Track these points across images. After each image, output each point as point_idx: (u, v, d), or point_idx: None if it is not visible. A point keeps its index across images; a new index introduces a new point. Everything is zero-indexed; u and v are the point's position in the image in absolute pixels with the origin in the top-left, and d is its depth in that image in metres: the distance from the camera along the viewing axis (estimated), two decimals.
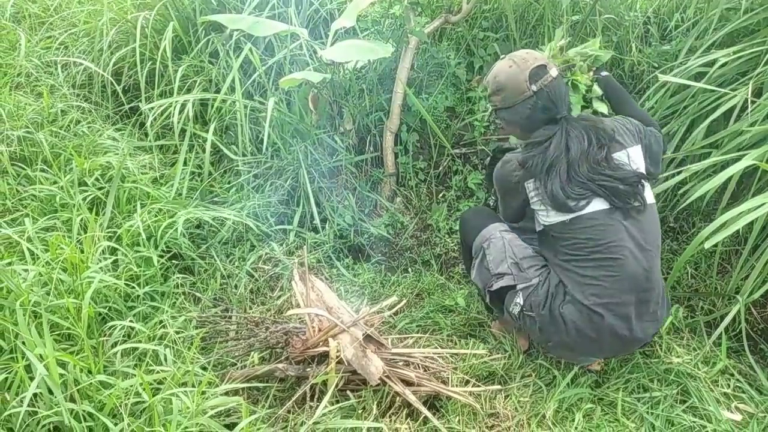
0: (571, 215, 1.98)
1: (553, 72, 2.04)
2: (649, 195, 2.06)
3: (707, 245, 2.07)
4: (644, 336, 2.07)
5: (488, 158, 3.21)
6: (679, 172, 2.55)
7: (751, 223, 2.39)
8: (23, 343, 1.73)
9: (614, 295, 1.98)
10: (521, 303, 2.12)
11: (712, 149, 2.65)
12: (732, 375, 2.32)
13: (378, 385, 2.07)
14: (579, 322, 2.02)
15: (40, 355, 1.68)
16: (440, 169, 3.34)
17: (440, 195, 3.27)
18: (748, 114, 2.45)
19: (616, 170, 1.99)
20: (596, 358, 2.25)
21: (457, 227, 2.73)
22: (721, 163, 2.49)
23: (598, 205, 1.98)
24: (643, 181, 2.02)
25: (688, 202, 2.35)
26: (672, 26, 3.24)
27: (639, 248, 1.99)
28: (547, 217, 2.04)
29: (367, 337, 2.15)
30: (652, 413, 2.12)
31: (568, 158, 1.97)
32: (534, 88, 2.01)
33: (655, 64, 3.16)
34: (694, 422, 2.09)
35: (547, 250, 2.16)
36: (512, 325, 2.34)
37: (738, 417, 2.14)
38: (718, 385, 2.26)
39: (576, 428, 2.04)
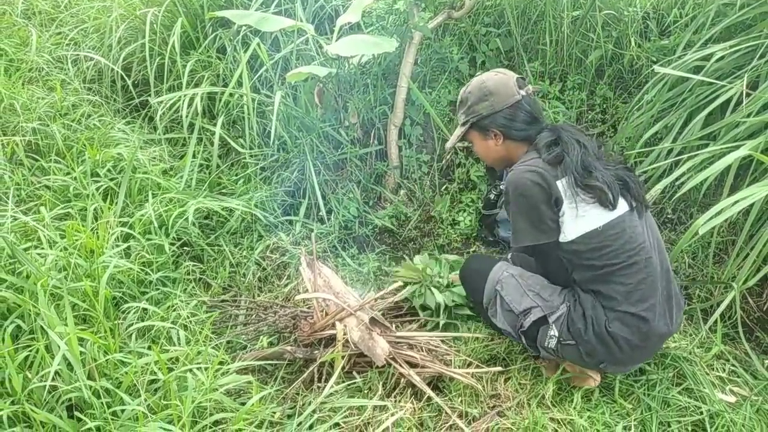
0: (603, 223, 1.91)
1: (530, 87, 2.16)
2: None
3: (702, 231, 2.13)
4: (674, 326, 2.04)
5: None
6: (676, 164, 2.62)
7: (747, 212, 2.47)
8: (44, 322, 1.80)
9: (653, 295, 1.95)
10: (557, 335, 2.02)
11: (709, 141, 2.72)
12: (727, 360, 2.39)
13: (383, 366, 2.13)
14: (629, 336, 1.94)
15: (60, 334, 1.75)
16: (443, 161, 3.41)
17: (443, 187, 3.33)
18: (743, 106, 2.51)
19: (617, 169, 2.02)
20: (642, 363, 2.21)
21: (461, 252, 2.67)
22: (717, 154, 2.56)
23: (623, 206, 1.96)
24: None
25: (684, 191, 2.41)
26: (670, 21, 3.31)
27: (654, 245, 2.01)
28: (578, 225, 1.92)
29: (373, 321, 2.22)
30: (648, 395, 2.18)
31: (588, 155, 1.97)
32: (522, 92, 2.11)
33: (654, 59, 3.22)
34: (689, 403, 2.15)
35: (574, 269, 2.03)
36: (553, 359, 2.20)
37: (732, 399, 2.20)
38: (713, 369, 2.33)
39: (575, 408, 2.10)
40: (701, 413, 2.12)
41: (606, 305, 1.96)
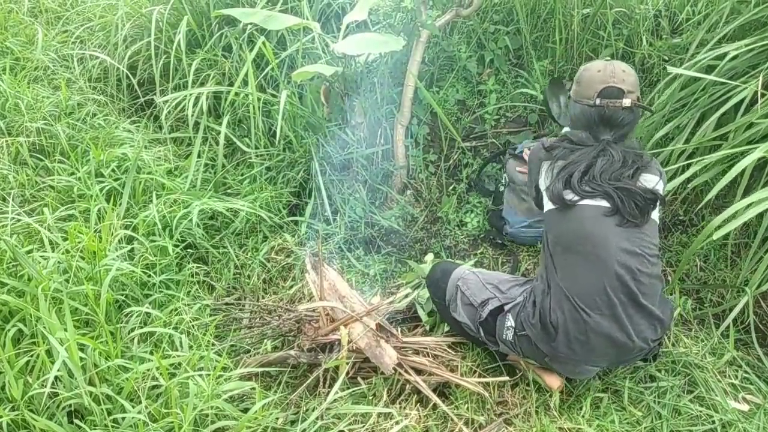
0: (560, 204, 2.03)
1: (626, 102, 2.03)
2: (654, 214, 2.05)
3: (716, 236, 2.08)
4: (641, 341, 1.97)
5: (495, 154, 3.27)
6: (689, 165, 2.57)
7: (761, 215, 2.41)
8: (44, 327, 1.78)
9: (596, 292, 1.93)
10: (513, 324, 2.07)
11: (722, 141, 2.66)
12: (740, 366, 2.33)
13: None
14: (567, 324, 1.95)
15: (61, 339, 1.73)
16: (450, 161, 3.37)
17: (450, 187, 3.29)
18: (758, 107, 2.46)
19: (637, 185, 2.00)
20: (597, 368, 2.11)
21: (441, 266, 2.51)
22: (731, 156, 2.50)
23: (598, 202, 1.98)
24: (657, 202, 2.01)
25: (693, 185, 2.35)
26: (683, 19, 3.24)
27: (627, 250, 1.95)
28: (546, 204, 2.10)
29: (379, 326, 2.19)
30: (659, 402, 2.14)
31: (588, 166, 2.01)
32: (598, 101, 2.04)
33: (666, 57, 3.16)
34: (700, 411, 2.11)
35: (543, 249, 2.15)
36: (514, 354, 2.21)
37: (745, 407, 2.16)
38: (725, 376, 2.28)
39: (583, 416, 2.07)
40: (713, 422, 2.08)
41: (551, 286, 2.03)
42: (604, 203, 1.98)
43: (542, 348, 2.02)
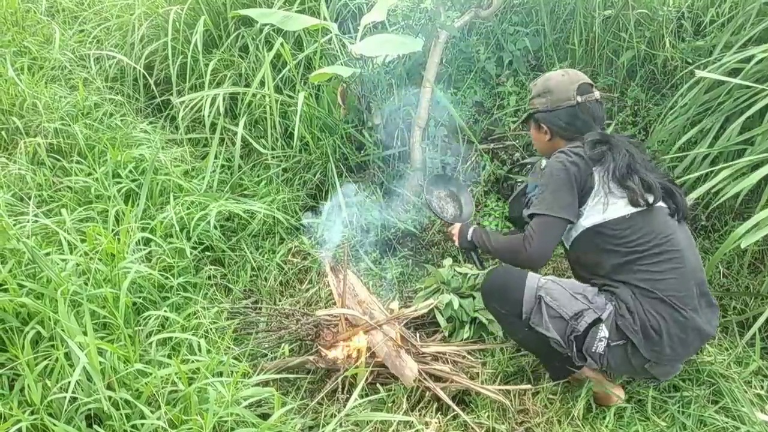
0: (631, 212, 1.97)
1: (597, 95, 2.15)
2: None
3: (744, 244, 2.04)
4: (712, 328, 2.00)
5: (503, 183, 3.12)
6: (712, 171, 2.52)
7: None
8: (63, 330, 1.77)
9: (684, 288, 1.95)
10: (606, 335, 1.94)
11: (747, 146, 2.61)
12: (766, 376, 2.29)
13: None
14: (668, 326, 1.91)
15: (80, 343, 1.72)
16: (468, 164, 3.33)
17: (468, 190, 3.25)
18: None
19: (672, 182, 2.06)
20: (681, 364, 2.10)
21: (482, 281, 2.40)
22: (756, 162, 2.45)
23: (662, 203, 2.02)
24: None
25: (721, 200, 2.32)
26: (707, 21, 3.18)
27: (692, 245, 2.05)
28: (605, 211, 1.98)
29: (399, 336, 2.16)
30: (683, 412, 2.10)
31: (635, 162, 2.02)
32: (579, 99, 2.11)
33: (689, 60, 3.11)
34: (726, 423, 2.07)
35: (598, 258, 2.03)
36: (596, 369, 2.08)
37: None
38: (751, 386, 2.23)
39: (607, 426, 2.03)
40: None
41: (643, 294, 1.95)
42: (663, 204, 2.03)
43: (646, 354, 1.93)
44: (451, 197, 2.72)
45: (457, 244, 2.44)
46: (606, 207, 1.98)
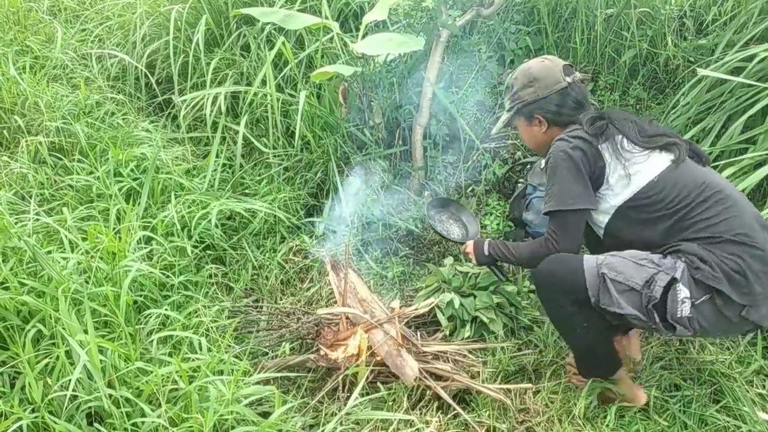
0: (658, 172, 1.90)
1: (578, 75, 2.13)
2: None
3: None
4: None
5: (505, 181, 3.08)
6: (715, 168, 2.52)
7: None
8: (64, 328, 1.77)
9: (744, 225, 1.83)
10: (688, 295, 1.80)
11: (749, 145, 2.61)
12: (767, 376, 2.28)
13: None
14: (747, 263, 1.79)
15: (81, 342, 1.72)
16: (469, 163, 3.33)
17: (469, 189, 3.26)
18: None
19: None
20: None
21: (533, 285, 2.44)
22: (758, 160, 2.45)
23: (665, 157, 1.94)
24: None
25: None
26: (709, 20, 3.18)
27: (729, 185, 1.94)
28: (630, 184, 1.91)
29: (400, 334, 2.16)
30: (684, 412, 2.09)
31: (639, 124, 2.00)
32: (568, 80, 2.08)
33: (691, 59, 3.11)
34: (727, 422, 2.06)
35: (644, 228, 1.93)
36: (689, 334, 1.89)
37: None
38: (753, 386, 2.23)
39: (608, 425, 2.02)
40: None
41: (706, 244, 1.83)
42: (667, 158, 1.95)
43: (738, 299, 1.79)
44: (453, 218, 2.72)
45: (474, 262, 2.34)
46: (630, 179, 1.91)
